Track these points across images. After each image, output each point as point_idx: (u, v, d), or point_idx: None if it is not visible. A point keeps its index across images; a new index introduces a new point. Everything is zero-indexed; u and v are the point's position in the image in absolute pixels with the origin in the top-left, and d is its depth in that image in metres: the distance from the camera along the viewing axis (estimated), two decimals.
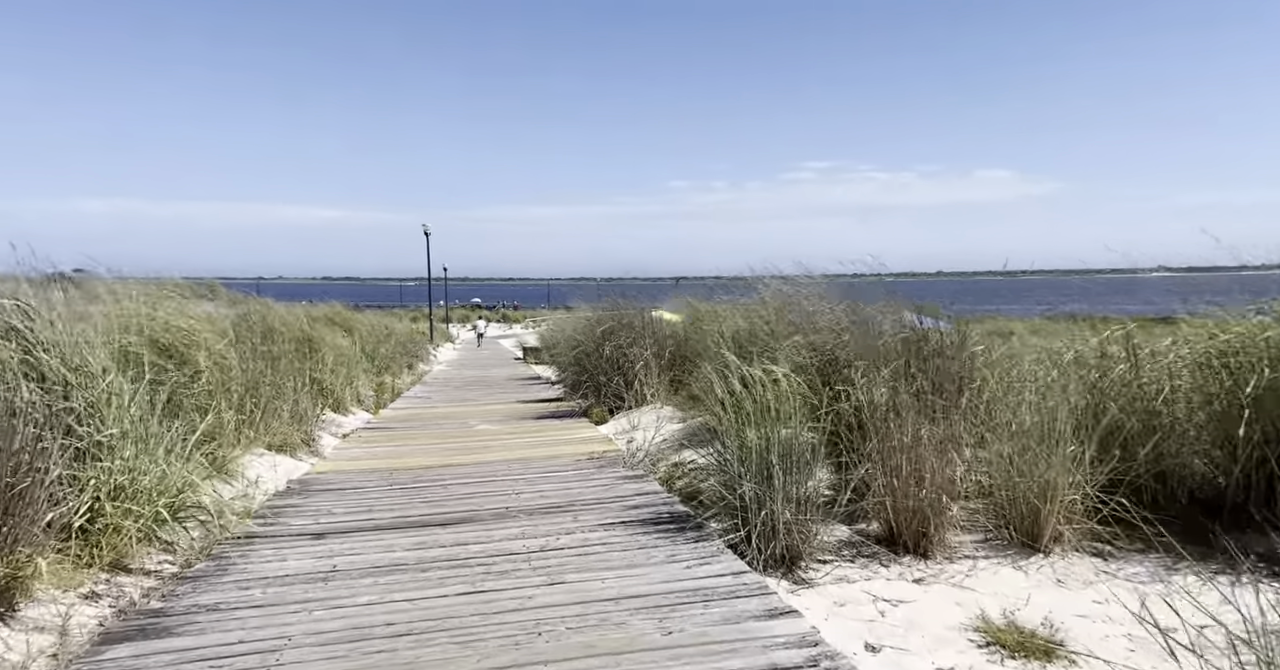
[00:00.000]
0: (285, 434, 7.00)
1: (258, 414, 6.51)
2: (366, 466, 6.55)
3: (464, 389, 14.73)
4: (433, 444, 7.76)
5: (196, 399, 5.75)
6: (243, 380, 6.38)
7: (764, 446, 4.01)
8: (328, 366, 10.16)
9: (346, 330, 13.90)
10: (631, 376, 9.11)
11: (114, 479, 3.46)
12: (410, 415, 10.51)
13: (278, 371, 7.19)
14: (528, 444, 7.53)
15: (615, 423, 8.68)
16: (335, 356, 10.69)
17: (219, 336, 6.19)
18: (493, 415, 10.12)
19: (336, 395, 10.29)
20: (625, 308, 9.53)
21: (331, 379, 10.27)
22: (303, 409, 7.66)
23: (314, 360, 9.70)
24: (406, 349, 18.90)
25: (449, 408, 11.38)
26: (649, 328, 9.37)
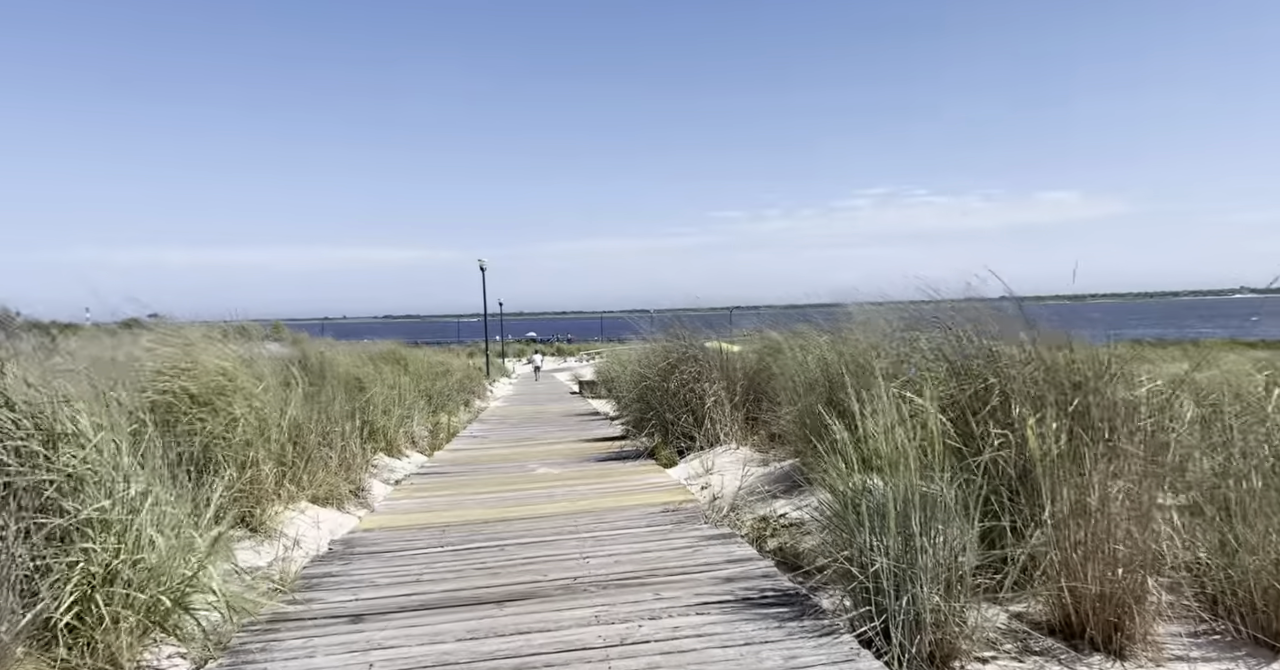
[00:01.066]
0: (331, 484, 6.43)
1: (301, 464, 5.95)
2: (417, 521, 5.90)
3: (521, 427, 14.14)
4: (489, 492, 7.09)
5: (235, 450, 5.22)
6: (285, 428, 5.85)
7: (900, 506, 3.16)
8: (380, 407, 9.67)
9: (402, 368, 13.51)
10: (702, 413, 8.31)
11: (106, 562, 2.86)
12: (466, 457, 9.90)
13: (326, 416, 6.67)
14: (593, 492, 6.78)
15: (686, 465, 7.86)
16: (389, 396, 10.21)
17: (256, 381, 5.68)
18: (553, 457, 9.43)
19: (389, 437, 9.78)
20: (690, 338, 8.77)
21: (384, 420, 9.76)
22: (351, 456, 7.10)
23: (366, 400, 9.22)
24: (463, 385, 18.51)
25: (506, 448, 10.75)
26: (717, 360, 8.58)
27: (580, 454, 9.57)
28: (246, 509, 5.16)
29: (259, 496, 5.23)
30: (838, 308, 7.66)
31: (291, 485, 5.78)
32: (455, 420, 15.25)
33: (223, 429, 5.20)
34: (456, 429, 13.63)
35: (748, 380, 8.53)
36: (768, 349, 8.76)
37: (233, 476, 5.06)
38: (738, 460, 7.51)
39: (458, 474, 8.43)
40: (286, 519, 5.44)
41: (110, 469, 3.10)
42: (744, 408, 8.28)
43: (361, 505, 6.77)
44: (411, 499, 6.96)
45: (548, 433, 12.64)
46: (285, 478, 5.70)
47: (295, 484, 5.84)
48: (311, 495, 6.16)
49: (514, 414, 17.27)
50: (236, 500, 5.10)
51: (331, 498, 6.37)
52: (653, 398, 8.87)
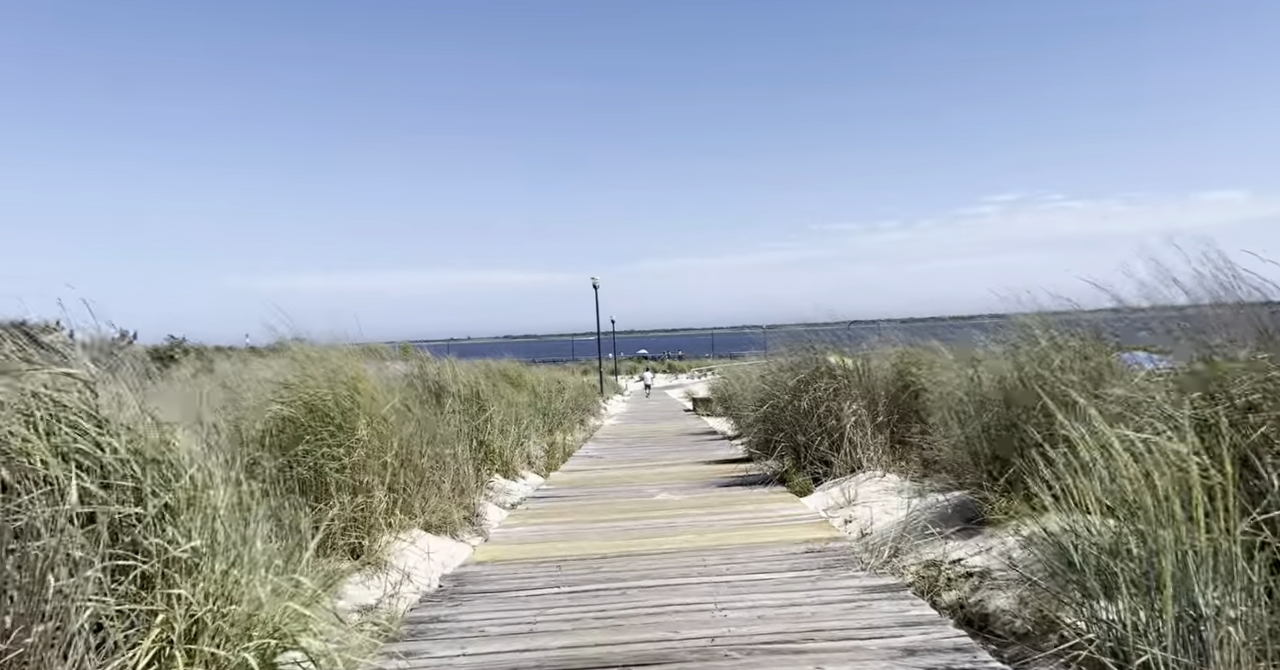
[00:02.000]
0: (444, 511, 6.10)
1: (414, 489, 5.65)
2: (532, 554, 5.44)
3: (636, 446, 13.65)
4: (607, 520, 6.56)
5: (348, 474, 4.96)
6: (399, 450, 5.57)
7: (1175, 566, 2.30)
8: (497, 427, 9.44)
9: (519, 386, 13.39)
10: (839, 435, 7.45)
11: (191, 611, 2.51)
12: (582, 479, 9.48)
13: (436, 439, 6.39)
14: (720, 523, 6.10)
15: (823, 494, 7.03)
16: (506, 415, 9.99)
17: (385, 397, 5.44)
18: (672, 481, 8.82)
19: (505, 458, 9.51)
20: (822, 353, 7.94)
21: (501, 441, 9.52)
22: (465, 479, 6.79)
23: (484, 420, 9.00)
24: (578, 404, 18.33)
25: (622, 469, 10.26)
26: (855, 375, 7.70)
27: (701, 478, 8.91)
28: (357, 539, 4.87)
29: (370, 525, 4.93)
30: (975, 320, 6.73)
31: (403, 514, 5.48)
32: (570, 439, 14.99)
33: (343, 451, 4.95)
34: (572, 448, 13.33)
35: (890, 399, 7.59)
36: (907, 364, 7.79)
37: (344, 503, 4.80)
38: (884, 490, 6.61)
39: (574, 498, 7.98)
40: (397, 550, 5.12)
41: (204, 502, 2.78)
42: (887, 429, 7.36)
43: (476, 532, 6.42)
44: (526, 526, 6.54)
45: (664, 453, 12.07)
46: (396, 504, 5.41)
47: (407, 511, 5.54)
48: (424, 522, 5.85)
49: (628, 433, 16.85)
50: (346, 530, 4.83)
51: (444, 525, 6.04)
52: (780, 418, 8.10)
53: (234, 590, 2.69)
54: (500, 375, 13.82)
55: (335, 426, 4.95)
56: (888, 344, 8.02)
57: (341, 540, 4.76)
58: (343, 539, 4.78)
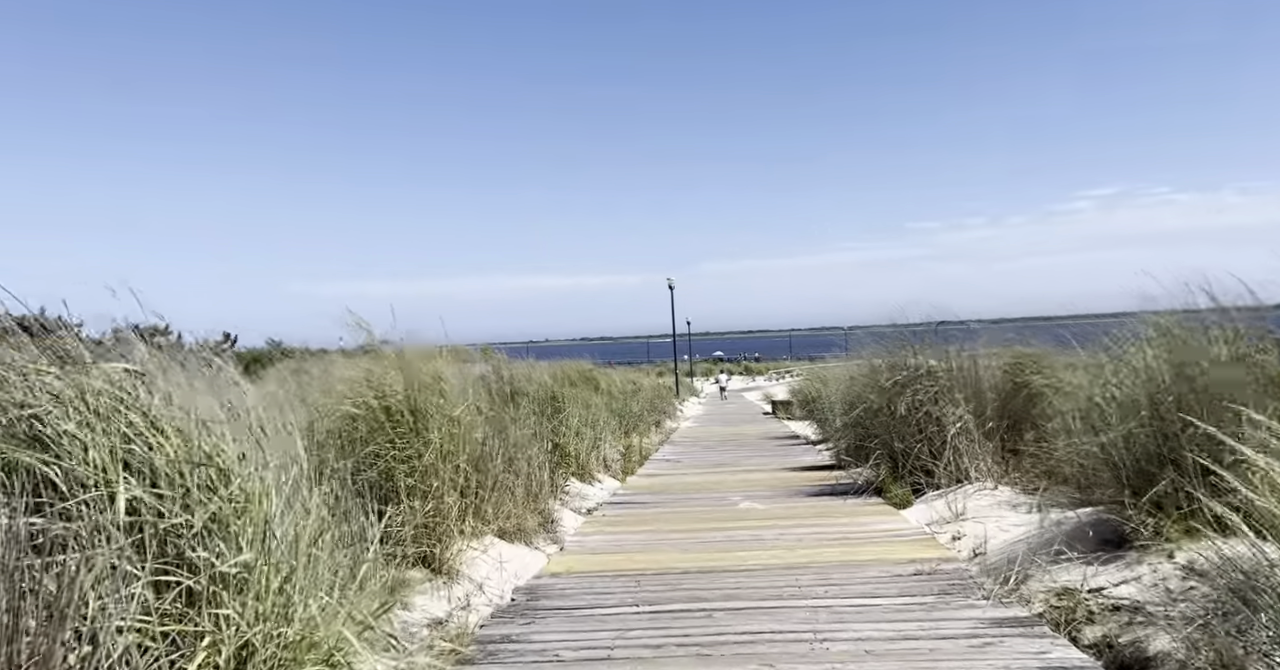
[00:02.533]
0: (519, 516, 5.86)
1: (486, 493, 5.42)
2: (609, 566, 5.11)
3: (715, 450, 13.20)
4: (688, 530, 6.16)
5: (421, 478, 4.76)
6: (471, 453, 5.35)
7: None
8: (572, 429, 9.21)
9: (594, 388, 13.18)
10: (942, 442, 6.81)
11: (240, 633, 2.28)
12: (660, 484, 9.12)
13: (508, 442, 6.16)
14: (812, 537, 5.61)
15: (926, 507, 6.42)
16: (581, 417, 9.76)
17: (459, 398, 5.23)
18: (755, 488, 8.35)
19: (582, 461, 9.27)
20: (922, 354, 7.30)
21: (576, 443, 9.28)
22: (539, 484, 6.54)
23: (560, 422, 8.78)
24: (654, 405, 18.02)
25: (701, 475, 9.84)
26: (961, 377, 7.04)
27: (787, 485, 8.40)
28: (429, 547, 4.66)
29: (441, 532, 4.71)
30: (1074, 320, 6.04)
31: (475, 520, 5.25)
32: (647, 442, 14.68)
33: (414, 454, 4.75)
34: (648, 452, 13.00)
35: (1000, 403, 6.90)
36: (1020, 365, 7.07)
37: (414, 508, 4.60)
38: (996, 504, 5.96)
39: (652, 504, 7.63)
40: (469, 558, 4.88)
41: (258, 512, 2.56)
42: (997, 436, 6.67)
43: (551, 539, 6.15)
44: (602, 534, 6.22)
45: (745, 458, 11.58)
46: (469, 510, 5.18)
47: (479, 517, 5.31)
48: (497, 529, 5.61)
49: (706, 436, 16.41)
50: (417, 536, 4.62)
51: (518, 532, 5.79)
52: (874, 423, 7.51)
53: (289, 609, 2.45)
54: (576, 376, 13.64)
55: (408, 428, 4.76)
56: (993, 343, 7.31)
57: (412, 548, 4.56)
58: (413, 546, 4.58)
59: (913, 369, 7.23)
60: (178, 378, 2.64)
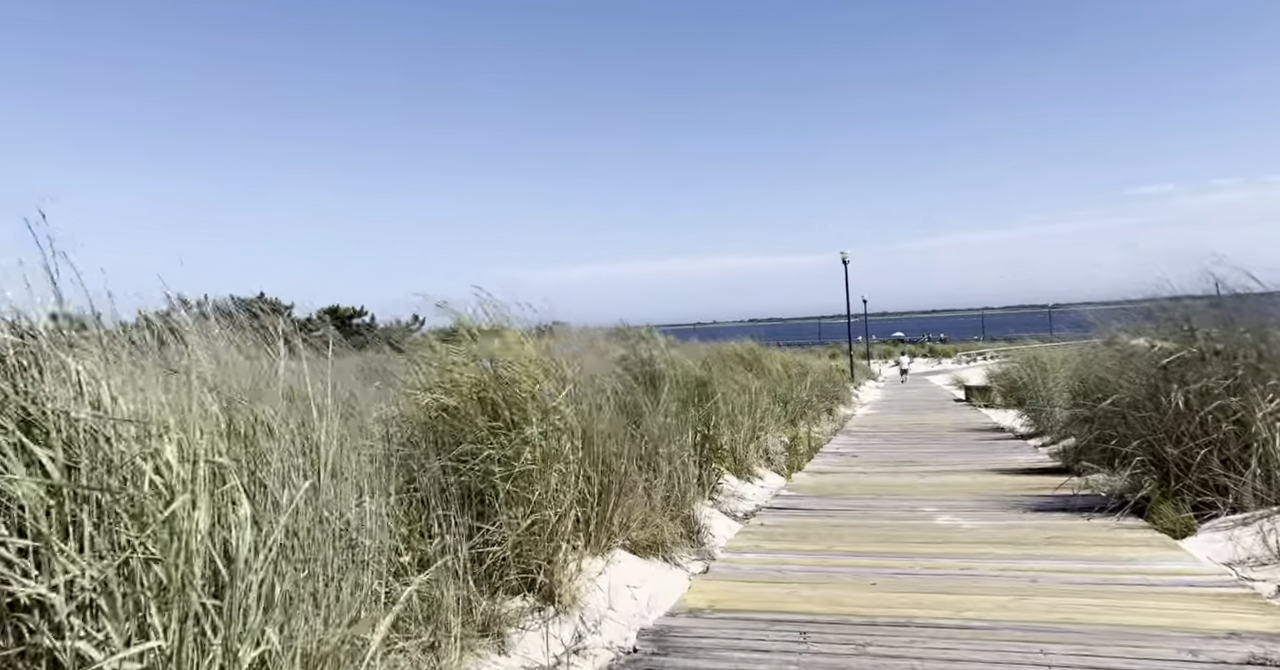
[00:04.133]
0: (656, 525, 4.80)
1: (611, 499, 4.41)
2: (766, 603, 3.89)
3: (898, 443, 11.40)
4: (870, 555, 4.78)
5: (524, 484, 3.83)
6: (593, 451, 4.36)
7: None
8: (726, 417, 8.03)
9: (756, 370, 11.87)
10: (1244, 449, 4.83)
11: None
12: (832, 485, 7.69)
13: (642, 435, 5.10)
14: (1054, 579, 4.01)
15: (1221, 538, 4.52)
16: (738, 403, 8.55)
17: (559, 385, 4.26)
18: (955, 495, 6.69)
19: (737, 455, 8.07)
20: (1213, 329, 5.26)
21: (731, 434, 8.10)
22: (684, 484, 5.44)
23: (709, 408, 7.64)
24: (825, 390, 16.32)
25: (883, 474, 8.26)
26: (1275, 361, 4.97)
27: (998, 493, 6.66)
28: (536, 565, 3.72)
29: (551, 550, 3.75)
30: None
31: (599, 531, 4.25)
32: (817, 431, 13.13)
33: (512, 453, 3.84)
34: (818, 442, 11.50)
35: None
36: None
37: (514, 520, 3.68)
38: None
39: (822, 512, 6.27)
40: (586, 581, 3.89)
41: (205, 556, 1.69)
42: None
43: (696, 553, 5.03)
44: (759, 553, 5.00)
45: (938, 455, 9.74)
46: (589, 521, 4.19)
47: (604, 528, 4.31)
48: (627, 541, 4.59)
49: (886, 425, 14.49)
50: (520, 555, 3.70)
51: (654, 545, 4.73)
52: (1131, 419, 5.58)
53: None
54: (734, 358, 12.41)
55: (502, 421, 3.84)
56: None
57: (515, 570, 3.65)
58: (517, 567, 3.66)
59: (1196, 349, 5.23)
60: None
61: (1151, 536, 4.76)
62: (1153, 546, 4.53)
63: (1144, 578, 3.93)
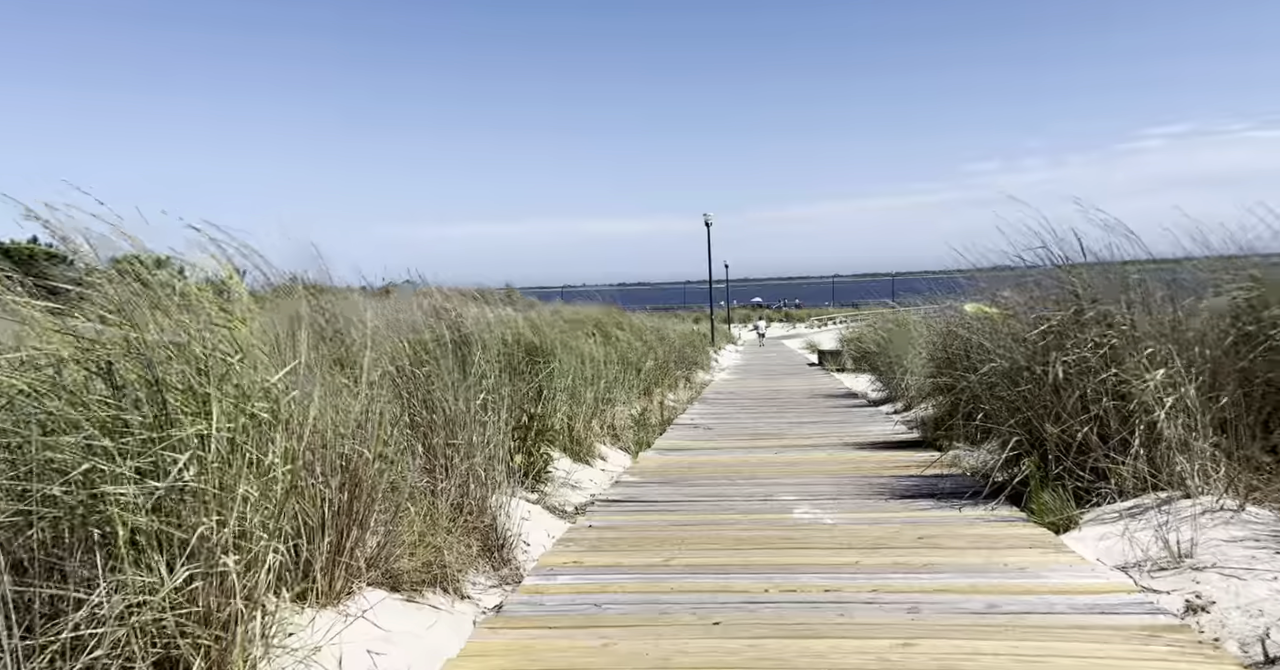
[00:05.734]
0: (436, 546, 3.52)
1: (349, 521, 3.07)
2: (582, 655, 2.75)
3: (757, 412, 10.77)
4: (716, 572, 3.76)
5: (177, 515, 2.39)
6: (318, 454, 2.99)
7: None
8: (564, 390, 6.85)
9: (607, 336, 10.77)
10: (1123, 426, 4.25)
11: None
12: (682, 466, 6.75)
13: (423, 420, 3.79)
14: (939, 608, 3.15)
15: (1109, 532, 3.90)
16: (580, 373, 7.38)
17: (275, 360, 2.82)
18: (814, 478, 5.92)
19: (576, 433, 6.93)
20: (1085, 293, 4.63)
21: (571, 409, 6.93)
22: (489, 482, 4.19)
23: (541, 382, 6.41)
24: (684, 356, 15.59)
25: (738, 450, 7.44)
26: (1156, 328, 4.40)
27: (859, 473, 5.95)
28: (197, 647, 2.33)
29: (225, 618, 2.37)
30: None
31: (329, 571, 2.92)
32: (673, 399, 12.32)
33: (149, 464, 2.38)
34: (674, 412, 10.64)
35: (1214, 367, 4.27)
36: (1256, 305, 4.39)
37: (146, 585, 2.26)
38: (1256, 541, 3.42)
39: (665, 506, 5.25)
40: (299, 655, 2.56)
41: None
42: (1243, 425, 4.08)
43: (498, 577, 3.83)
44: (578, 571, 3.85)
45: (796, 425, 9.11)
46: (315, 558, 2.85)
47: (336, 565, 2.98)
48: (388, 574, 3.29)
49: (744, 391, 13.97)
50: (162, 633, 2.29)
51: (433, 575, 3.46)
52: (1004, 392, 4.92)
53: None
54: (585, 322, 11.24)
55: (142, 415, 2.38)
56: None
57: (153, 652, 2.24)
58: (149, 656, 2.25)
59: (1074, 313, 4.59)
60: None
61: (1034, 533, 4.09)
62: (1039, 548, 3.82)
63: (1041, 600, 3.16)
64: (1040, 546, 3.84)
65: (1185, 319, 4.45)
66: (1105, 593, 3.18)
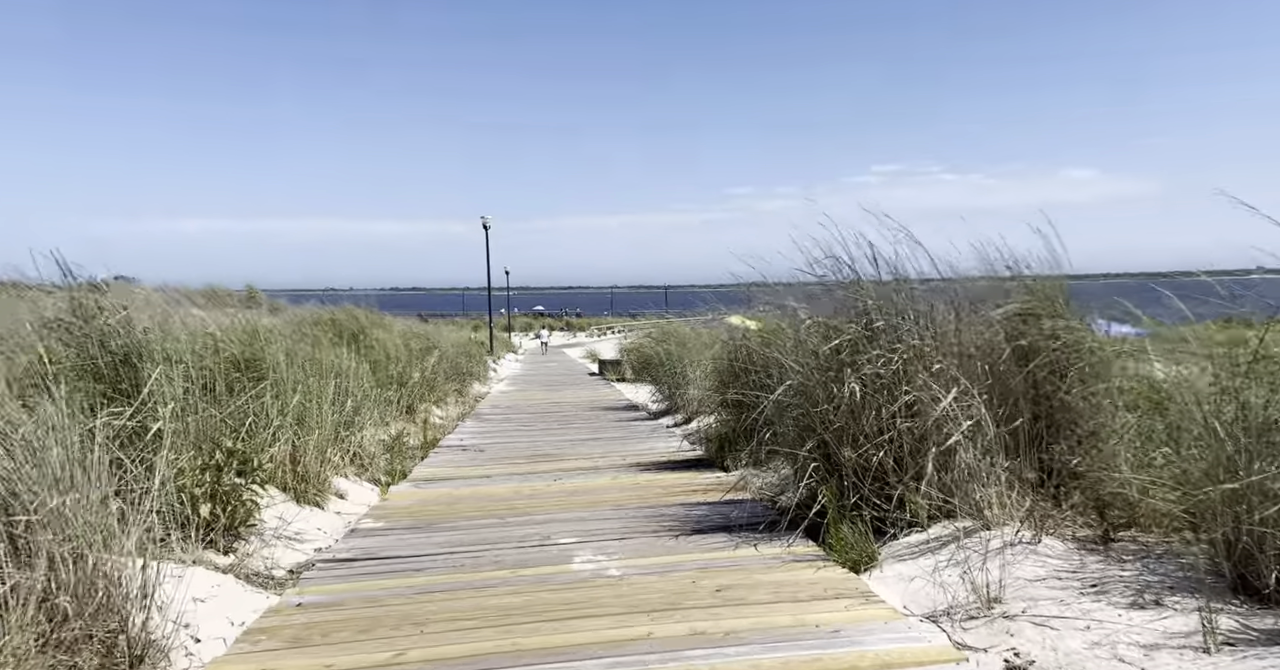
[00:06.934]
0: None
1: None
2: None
3: (534, 428, 9.87)
4: (479, 655, 2.78)
5: None
6: None
7: None
8: (289, 411, 5.40)
9: (359, 346, 9.20)
10: (916, 449, 3.98)
11: None
12: (443, 502, 5.62)
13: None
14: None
15: (912, 572, 3.54)
16: (309, 391, 5.93)
17: None
18: (598, 508, 5.15)
19: (305, 465, 5.51)
20: (891, 303, 4.37)
21: (299, 438, 5.49)
22: (106, 578, 2.81)
23: (244, 401, 4.95)
24: (457, 366, 14.22)
25: (512, 477, 6.47)
26: (944, 342, 4.21)
27: (645, 503, 5.28)
28: None
29: None
30: None
31: None
32: (441, 415, 11.01)
33: None
34: (440, 432, 9.38)
35: (1003, 386, 4.17)
36: (1026, 318, 4.40)
37: None
38: (1056, 577, 3.20)
39: (410, 566, 4.12)
40: None
41: None
42: (1027, 446, 3.95)
43: None
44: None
45: (576, 444, 8.34)
46: None
47: None
48: None
49: (524, 404, 13.00)
50: None
51: None
52: (797, 411, 4.52)
53: None
54: (336, 328, 9.59)
55: None
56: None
57: None
58: None
59: (865, 325, 4.28)
60: None
61: (837, 578, 3.62)
62: (846, 598, 3.34)
63: (846, 647, 2.60)
64: (847, 596, 3.36)
65: (968, 333, 4.34)
66: (928, 665, 2.71)
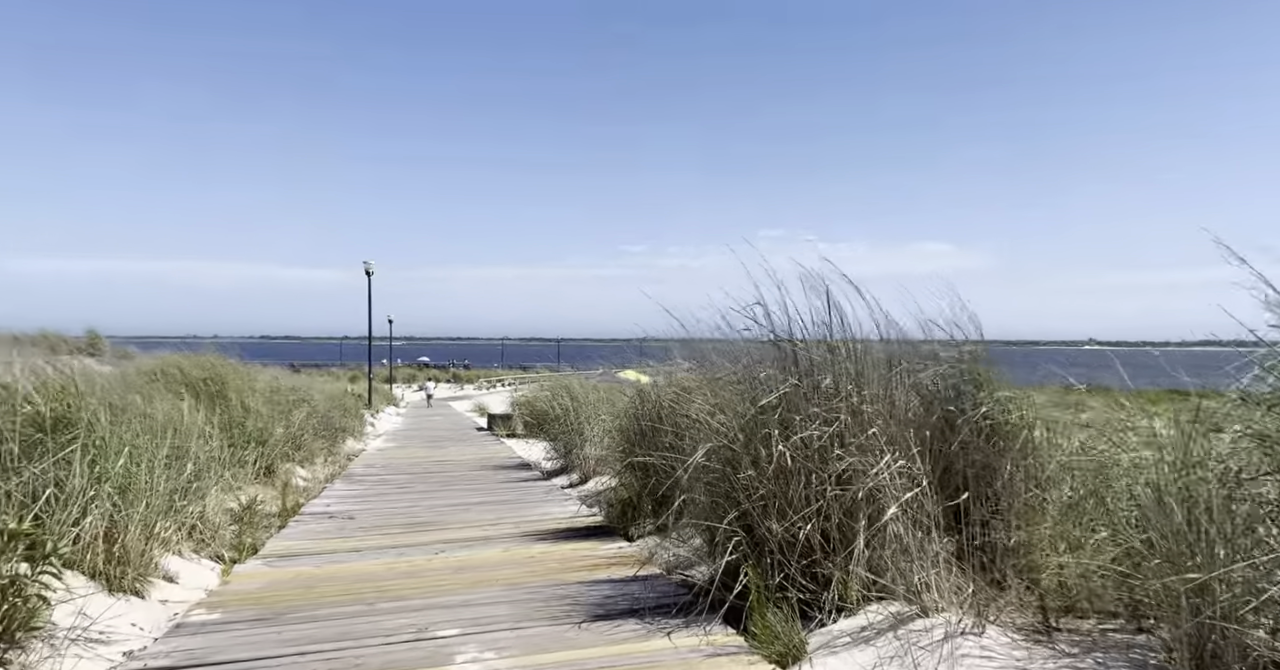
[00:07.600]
0: None
1: None
2: None
3: (413, 490, 8.93)
4: None
5: None
6: None
7: None
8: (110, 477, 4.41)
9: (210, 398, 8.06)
10: (844, 524, 3.64)
11: None
12: (299, 584, 4.73)
13: None
14: None
15: (843, 664, 3.13)
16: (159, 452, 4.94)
17: None
18: (487, 595, 4.45)
19: (123, 547, 4.49)
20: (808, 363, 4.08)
21: (120, 510, 4.49)
22: None
23: (44, 469, 3.99)
24: (328, 421, 12.95)
25: (390, 553, 5.64)
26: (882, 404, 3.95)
27: (540, 582, 4.64)
28: None
29: None
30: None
31: None
32: (306, 477, 9.83)
33: None
34: (305, 496, 8.29)
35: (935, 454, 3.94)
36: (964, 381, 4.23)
37: None
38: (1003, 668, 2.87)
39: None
40: None
41: None
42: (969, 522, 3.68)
43: None
44: None
45: (461, 510, 7.54)
46: None
47: None
48: None
49: (403, 462, 11.92)
50: None
51: None
52: (717, 478, 4.10)
53: None
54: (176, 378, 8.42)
55: None
56: None
57: None
58: None
59: (800, 383, 3.97)
60: None
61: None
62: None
63: None
64: None
65: (900, 393, 4.11)
66: None
